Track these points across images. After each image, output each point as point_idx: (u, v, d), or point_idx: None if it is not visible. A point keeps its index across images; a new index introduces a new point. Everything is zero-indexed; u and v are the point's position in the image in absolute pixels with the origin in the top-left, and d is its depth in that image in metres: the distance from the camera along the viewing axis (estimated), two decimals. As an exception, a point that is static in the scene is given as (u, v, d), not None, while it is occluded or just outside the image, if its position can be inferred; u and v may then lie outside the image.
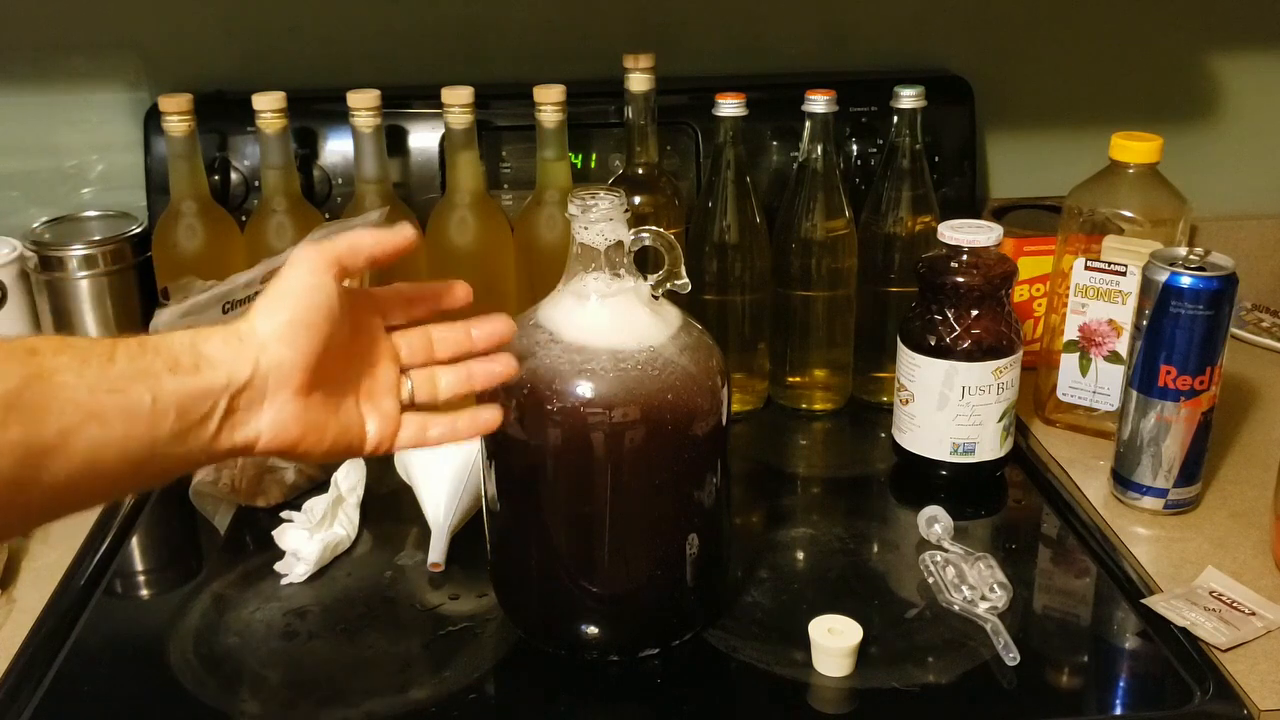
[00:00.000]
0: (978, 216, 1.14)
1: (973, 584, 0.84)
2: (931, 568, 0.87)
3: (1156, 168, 0.98)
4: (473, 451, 0.88)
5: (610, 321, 0.73)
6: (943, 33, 1.25)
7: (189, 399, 0.55)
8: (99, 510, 0.95)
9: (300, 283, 0.59)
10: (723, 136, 1.04)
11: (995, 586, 0.83)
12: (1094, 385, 1.03)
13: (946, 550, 0.88)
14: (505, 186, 1.15)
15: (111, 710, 0.76)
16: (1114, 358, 1.01)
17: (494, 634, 0.81)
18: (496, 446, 0.76)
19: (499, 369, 0.66)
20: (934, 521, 0.91)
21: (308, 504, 0.91)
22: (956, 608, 0.83)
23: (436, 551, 0.87)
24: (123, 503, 0.97)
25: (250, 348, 0.57)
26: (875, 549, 0.92)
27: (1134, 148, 0.98)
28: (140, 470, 0.54)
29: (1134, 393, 0.91)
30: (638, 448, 0.72)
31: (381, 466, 0.97)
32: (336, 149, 1.13)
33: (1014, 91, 1.27)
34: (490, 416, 0.66)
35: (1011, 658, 0.77)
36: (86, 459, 0.52)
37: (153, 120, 1.12)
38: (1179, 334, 0.87)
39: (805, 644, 0.77)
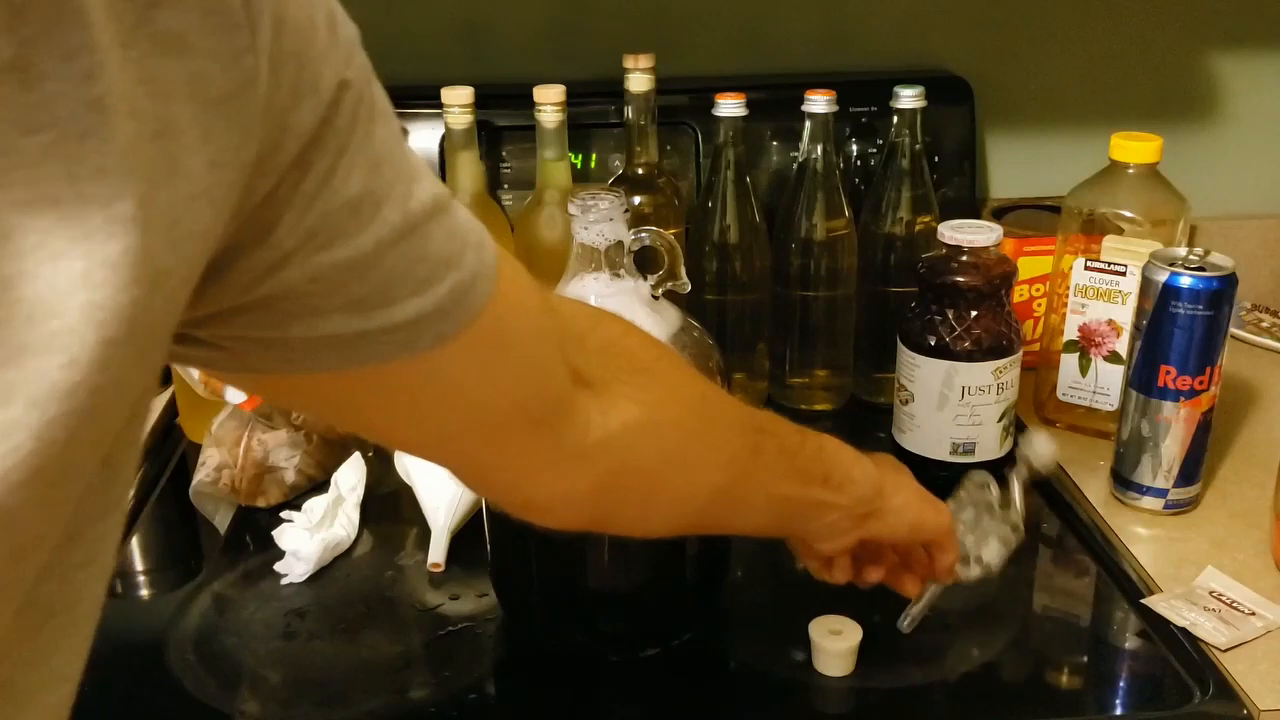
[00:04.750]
0: (978, 216, 1.14)
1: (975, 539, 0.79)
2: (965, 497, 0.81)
3: (1156, 168, 0.98)
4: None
5: (610, 321, 0.73)
6: (943, 33, 1.25)
7: (820, 507, 0.65)
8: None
9: (932, 522, 0.71)
10: (723, 136, 1.04)
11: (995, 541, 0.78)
12: (1094, 385, 1.03)
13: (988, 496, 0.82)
14: (505, 186, 1.15)
15: (111, 710, 0.76)
16: (1114, 358, 1.01)
17: (494, 634, 0.81)
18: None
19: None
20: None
21: (308, 504, 0.91)
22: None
23: (436, 551, 0.87)
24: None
25: (880, 500, 0.68)
26: (875, 549, 0.92)
27: (1134, 148, 0.98)
28: (755, 529, 0.71)
29: (1134, 393, 0.91)
30: (638, 448, 0.72)
31: (382, 467, 0.97)
32: (336, 149, 1.13)
33: (1014, 91, 1.27)
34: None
35: (905, 624, 0.76)
36: (742, 516, 0.65)
37: (153, 120, 1.12)
38: (1179, 334, 0.87)
39: (805, 644, 0.77)
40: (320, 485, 0.96)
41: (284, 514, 0.92)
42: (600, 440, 0.53)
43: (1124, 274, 0.99)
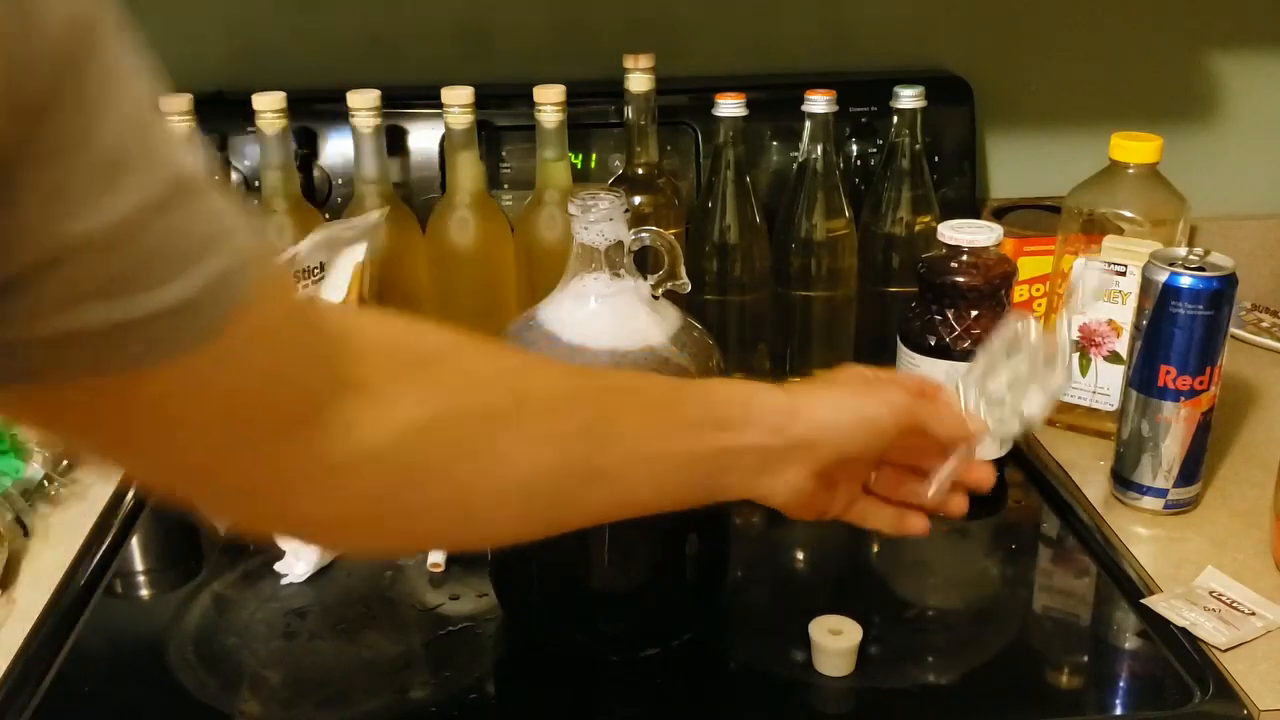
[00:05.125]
0: (978, 216, 1.14)
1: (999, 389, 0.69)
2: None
3: (1156, 168, 0.98)
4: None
5: (610, 321, 0.73)
6: (943, 33, 1.25)
7: (725, 454, 0.59)
8: (101, 508, 0.95)
9: (883, 411, 0.62)
10: (723, 136, 1.04)
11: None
12: (1094, 385, 1.03)
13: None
14: (505, 186, 1.15)
15: (111, 710, 0.76)
16: (1114, 358, 1.01)
17: (494, 634, 0.81)
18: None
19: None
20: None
21: (308, 504, 0.91)
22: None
23: (436, 551, 0.87)
24: (123, 502, 0.97)
25: (800, 422, 0.60)
26: (875, 549, 0.92)
27: (1134, 148, 0.98)
28: (662, 502, 0.60)
29: (1134, 393, 0.91)
30: (638, 448, 0.72)
31: (381, 466, 0.97)
32: (336, 149, 1.13)
33: (1014, 91, 1.27)
34: (920, 524, 0.68)
35: (928, 494, 0.67)
36: (621, 492, 0.57)
37: (153, 120, 1.12)
38: (1179, 334, 0.87)
39: (805, 644, 0.77)
40: (320, 485, 0.96)
41: (284, 514, 0.91)
42: (378, 445, 0.48)
43: (1124, 274, 0.99)
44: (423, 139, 1.14)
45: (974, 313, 0.94)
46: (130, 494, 0.99)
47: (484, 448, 0.52)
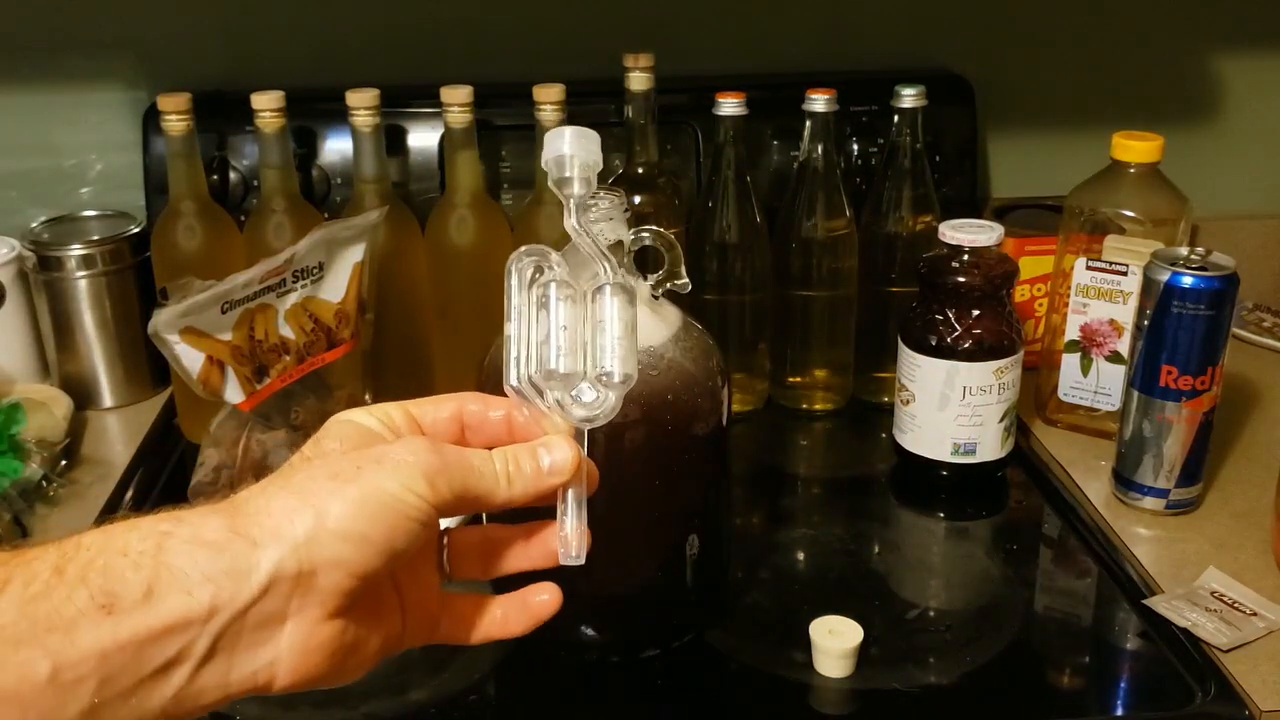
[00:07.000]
0: (979, 216, 1.13)
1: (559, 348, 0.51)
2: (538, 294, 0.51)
3: (1158, 167, 0.98)
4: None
5: (610, 321, 0.73)
6: (943, 33, 1.25)
7: (130, 649, 0.37)
8: (99, 509, 0.95)
9: (400, 479, 0.42)
10: (723, 136, 1.04)
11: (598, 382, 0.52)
12: (1095, 385, 1.03)
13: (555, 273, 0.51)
14: (505, 186, 1.15)
15: (110, 711, 0.76)
16: (1115, 358, 1.01)
17: (493, 634, 0.81)
18: (496, 446, 0.76)
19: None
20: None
21: (307, 504, 0.90)
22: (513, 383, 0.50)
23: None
24: (121, 502, 0.97)
25: (260, 551, 0.40)
26: (876, 549, 0.92)
27: (1135, 147, 0.97)
28: None
29: (1135, 393, 0.91)
30: (638, 448, 0.72)
31: (381, 467, 0.96)
32: (336, 148, 1.13)
33: (1014, 91, 1.27)
34: (549, 599, 0.53)
35: (572, 556, 0.54)
36: None
37: (151, 120, 1.12)
38: (1180, 334, 0.87)
39: (806, 645, 0.77)
40: (320, 485, 0.96)
41: (283, 514, 0.91)
42: None
43: (1125, 274, 0.99)
44: (422, 139, 1.14)
45: (975, 312, 0.94)
46: (129, 494, 0.99)
47: None
